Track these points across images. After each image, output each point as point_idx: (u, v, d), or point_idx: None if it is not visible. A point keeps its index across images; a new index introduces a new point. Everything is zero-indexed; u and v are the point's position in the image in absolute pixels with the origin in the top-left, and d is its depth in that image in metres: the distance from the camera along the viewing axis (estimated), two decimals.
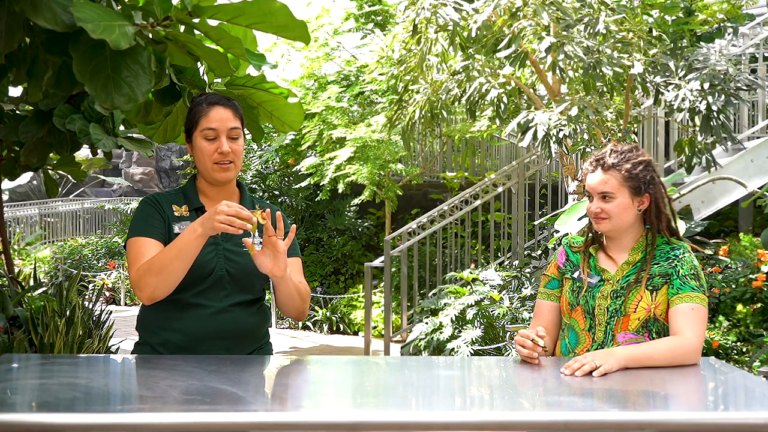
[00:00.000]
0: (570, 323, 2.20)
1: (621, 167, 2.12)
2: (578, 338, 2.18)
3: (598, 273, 2.18)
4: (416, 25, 5.05)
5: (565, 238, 2.34)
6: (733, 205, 7.20)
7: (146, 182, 19.65)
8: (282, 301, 2.16)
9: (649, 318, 2.10)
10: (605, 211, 2.13)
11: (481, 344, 5.34)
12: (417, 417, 1.58)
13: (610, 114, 4.99)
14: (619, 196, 2.12)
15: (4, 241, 4.77)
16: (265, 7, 2.04)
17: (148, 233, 2.10)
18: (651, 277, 2.12)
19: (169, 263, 2.00)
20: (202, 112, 2.13)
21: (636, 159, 2.14)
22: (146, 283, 2.02)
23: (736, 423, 1.54)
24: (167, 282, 2.02)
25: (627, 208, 2.13)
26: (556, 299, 2.26)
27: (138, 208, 2.18)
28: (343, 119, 8.53)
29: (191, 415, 1.48)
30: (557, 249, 2.33)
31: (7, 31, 2.13)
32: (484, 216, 8.46)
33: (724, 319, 4.93)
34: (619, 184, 2.12)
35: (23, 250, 12.71)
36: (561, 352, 2.22)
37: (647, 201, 2.15)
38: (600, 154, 2.18)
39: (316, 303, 9.15)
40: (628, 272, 2.15)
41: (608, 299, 2.13)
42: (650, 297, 2.10)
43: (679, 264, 2.12)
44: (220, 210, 1.93)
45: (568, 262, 2.26)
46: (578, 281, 2.19)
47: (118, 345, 4.92)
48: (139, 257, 2.06)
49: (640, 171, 2.13)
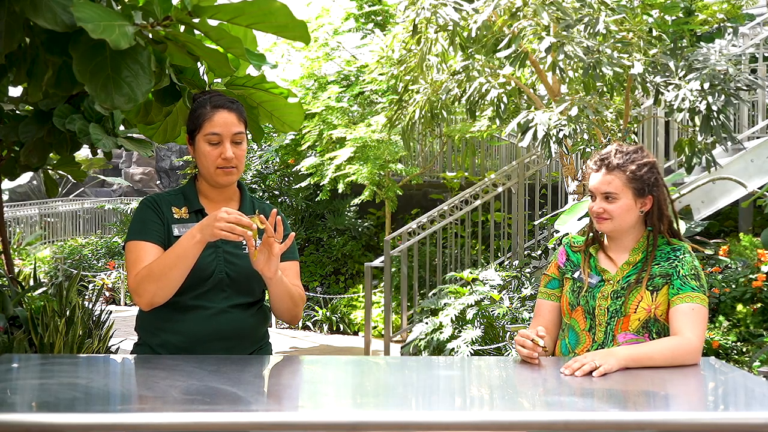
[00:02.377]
0: (570, 323, 2.20)
1: (626, 168, 2.11)
2: (578, 338, 2.17)
3: (598, 273, 2.18)
4: (416, 25, 5.05)
5: (566, 237, 2.33)
6: (733, 205, 7.20)
7: (146, 182, 19.65)
8: (274, 302, 2.17)
9: (649, 318, 2.10)
10: (608, 211, 2.12)
11: (481, 344, 5.34)
12: (417, 417, 1.58)
13: (610, 114, 4.99)
14: (623, 197, 2.11)
15: (4, 241, 4.77)
16: (265, 7, 2.04)
17: (147, 237, 2.09)
18: (651, 278, 2.11)
19: (169, 270, 1.99)
20: (206, 115, 2.12)
21: (641, 161, 2.13)
22: (145, 289, 2.02)
23: (736, 423, 1.54)
24: (166, 289, 2.02)
25: (629, 210, 2.12)
26: (557, 299, 2.26)
27: (137, 210, 2.17)
28: (343, 119, 8.53)
29: (191, 415, 1.48)
30: (558, 249, 2.33)
31: (7, 31, 2.13)
32: (484, 216, 8.46)
33: (724, 319, 4.93)
34: (623, 185, 2.11)
35: (23, 250, 12.70)
36: (561, 352, 2.22)
37: (650, 203, 2.14)
38: (604, 153, 2.16)
39: (316, 303, 9.14)
40: (629, 272, 2.15)
41: (608, 299, 2.13)
42: (651, 297, 2.10)
43: (679, 264, 2.11)
44: (220, 217, 1.92)
45: (569, 261, 2.26)
46: (579, 281, 2.19)
47: (118, 345, 4.92)
48: (137, 262, 2.06)
49: (645, 173, 2.12)
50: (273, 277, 2.05)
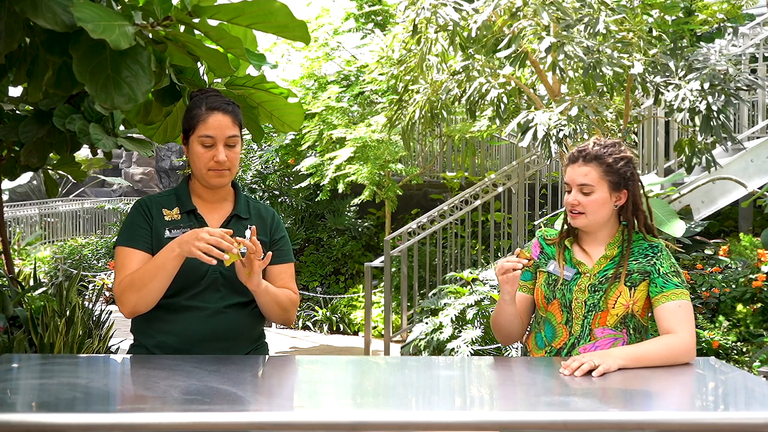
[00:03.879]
0: (546, 317, 2.21)
1: (603, 160, 2.13)
2: (555, 332, 2.18)
3: (574, 266, 2.18)
4: (416, 25, 5.05)
5: (539, 230, 2.34)
6: (733, 205, 7.20)
7: (146, 182, 19.65)
8: (262, 310, 2.20)
9: (627, 314, 2.12)
10: (582, 204, 2.14)
11: (481, 344, 5.34)
12: (417, 417, 1.58)
13: (610, 114, 4.99)
14: (598, 189, 2.13)
15: (4, 241, 4.76)
16: (265, 7, 2.04)
17: (134, 244, 2.12)
18: (629, 274, 2.13)
19: (149, 281, 2.03)
20: (200, 117, 2.12)
21: (618, 154, 2.15)
22: (127, 299, 2.06)
23: (736, 423, 1.54)
24: (147, 299, 2.05)
25: (604, 204, 2.14)
26: (528, 291, 2.27)
27: (129, 213, 2.20)
28: (343, 119, 8.52)
29: (191, 415, 1.48)
30: (531, 241, 2.33)
31: (7, 31, 2.13)
32: (484, 216, 8.46)
33: (724, 319, 4.92)
34: (599, 177, 2.12)
35: (23, 250, 12.70)
36: (537, 346, 2.23)
37: (624, 197, 2.16)
38: (583, 146, 2.18)
39: (316, 303, 9.14)
40: (606, 266, 2.16)
41: (586, 292, 2.14)
42: (629, 293, 2.11)
43: (658, 262, 2.13)
44: (201, 237, 1.95)
45: (543, 254, 2.26)
46: (553, 274, 2.20)
47: (118, 345, 4.91)
48: (122, 269, 2.10)
49: (622, 166, 2.14)
50: (257, 290, 2.09)
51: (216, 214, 2.21)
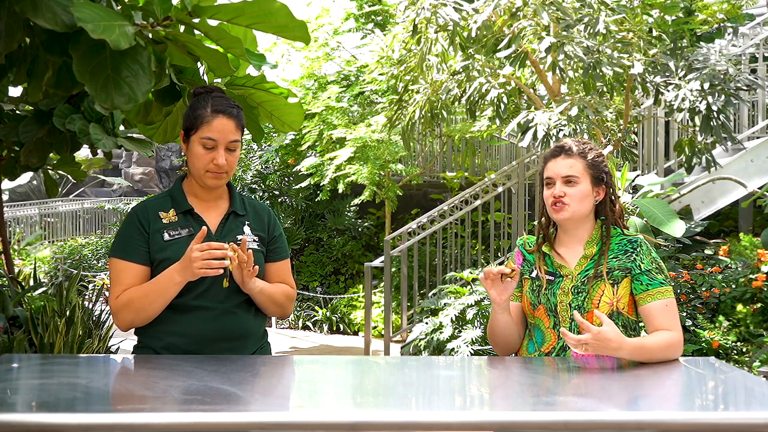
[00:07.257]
0: (535, 323, 2.22)
1: (585, 155, 2.19)
2: (544, 337, 2.19)
3: (555, 270, 2.20)
4: (416, 25, 5.05)
5: (520, 239, 2.36)
6: (733, 205, 7.20)
7: (146, 182, 19.65)
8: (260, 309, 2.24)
9: (612, 312, 2.13)
10: (568, 195, 2.16)
11: (481, 344, 5.34)
12: (417, 417, 1.58)
13: (610, 114, 4.99)
14: (583, 181, 2.17)
15: (4, 241, 4.76)
16: (265, 7, 2.04)
17: (128, 256, 2.12)
18: (610, 271, 2.14)
19: (148, 305, 2.07)
20: (205, 118, 2.12)
21: (596, 151, 2.23)
22: (124, 316, 2.10)
23: (736, 423, 1.54)
24: (144, 318, 2.10)
25: (587, 196, 2.18)
26: (517, 299, 2.28)
27: (125, 221, 2.20)
28: (343, 119, 8.53)
29: (191, 415, 1.48)
30: (513, 250, 2.35)
31: (7, 31, 2.13)
32: (484, 216, 8.46)
33: (724, 319, 4.92)
34: (583, 169, 2.18)
35: (23, 250, 12.70)
36: (528, 352, 2.23)
37: (603, 193, 2.21)
38: (561, 143, 2.24)
39: (316, 303, 9.14)
40: (587, 266, 2.17)
41: (569, 295, 2.15)
42: (612, 291, 2.13)
43: (638, 258, 2.15)
44: (195, 257, 1.99)
45: (525, 262, 2.28)
46: (537, 280, 2.21)
47: (118, 345, 4.92)
48: (117, 283, 2.11)
49: (600, 162, 2.21)
50: (252, 293, 2.14)
51: (213, 212, 2.22)
